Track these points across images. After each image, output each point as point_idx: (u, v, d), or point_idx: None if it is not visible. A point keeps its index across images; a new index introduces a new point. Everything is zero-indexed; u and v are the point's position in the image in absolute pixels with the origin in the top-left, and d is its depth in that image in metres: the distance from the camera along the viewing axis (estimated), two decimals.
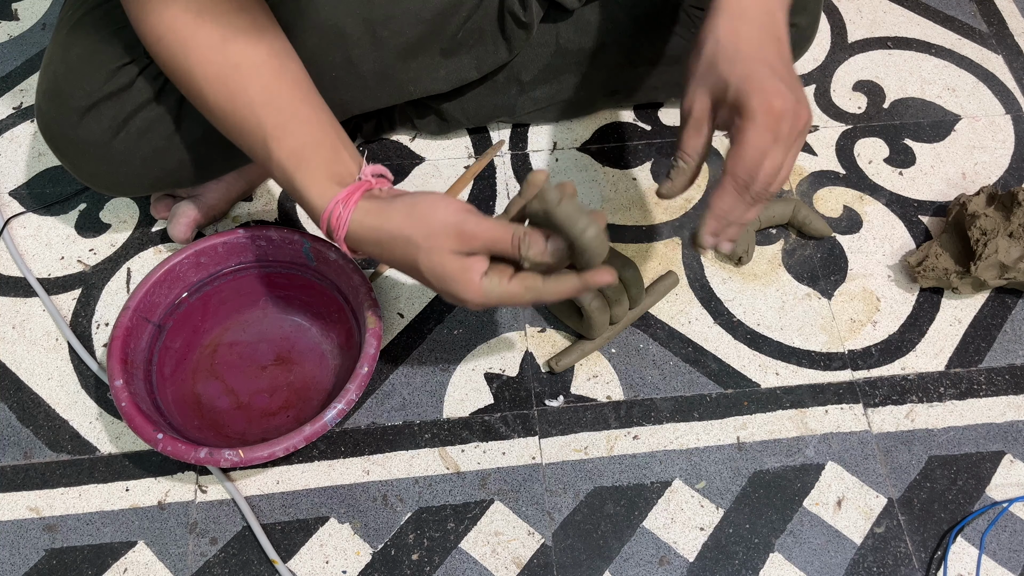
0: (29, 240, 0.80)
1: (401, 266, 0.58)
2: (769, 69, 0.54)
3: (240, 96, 0.58)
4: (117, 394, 0.63)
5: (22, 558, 0.64)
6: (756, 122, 0.53)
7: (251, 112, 0.58)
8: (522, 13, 0.74)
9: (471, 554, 0.64)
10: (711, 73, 0.55)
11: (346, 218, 0.56)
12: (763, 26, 0.56)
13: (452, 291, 0.56)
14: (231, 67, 0.57)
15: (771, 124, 0.53)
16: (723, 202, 0.55)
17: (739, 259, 0.77)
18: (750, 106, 0.53)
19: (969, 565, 0.64)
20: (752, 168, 0.53)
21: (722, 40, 0.55)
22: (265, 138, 0.58)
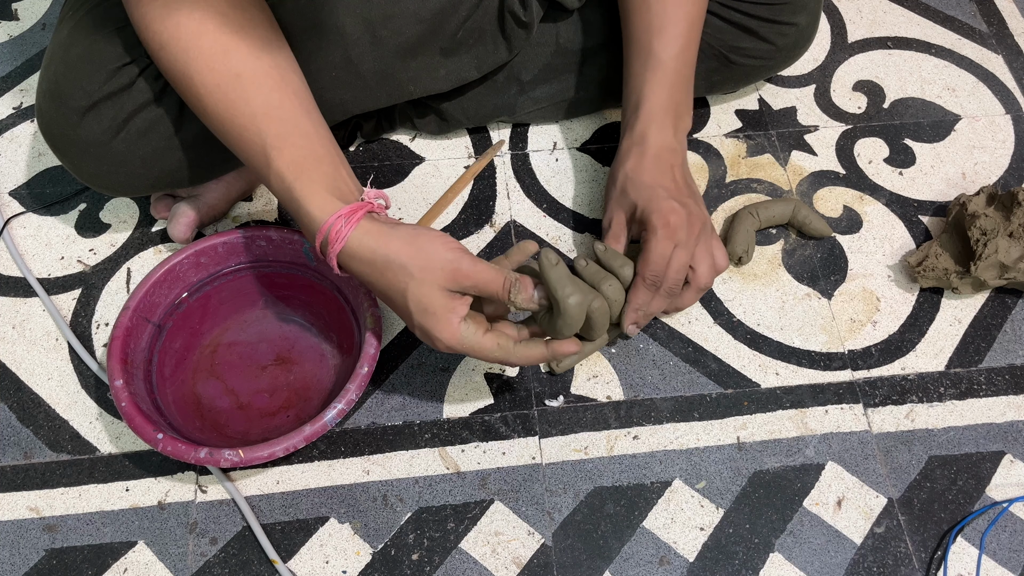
0: (29, 240, 0.80)
1: (386, 291, 0.59)
2: (665, 192, 0.68)
3: (240, 106, 0.58)
4: (117, 394, 0.63)
5: (22, 558, 0.64)
6: (658, 235, 0.66)
7: (251, 122, 0.58)
8: (522, 12, 0.74)
9: (471, 554, 0.64)
10: (623, 197, 0.70)
11: (346, 234, 0.57)
12: (660, 161, 0.70)
13: (429, 327, 0.58)
14: (233, 76, 0.58)
15: (670, 234, 0.65)
16: (638, 298, 0.67)
17: (739, 259, 0.77)
18: (652, 222, 0.66)
19: (969, 565, 0.64)
20: (657, 270, 0.66)
21: (630, 173, 0.70)
22: (265, 147, 0.58)
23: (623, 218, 0.70)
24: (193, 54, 0.58)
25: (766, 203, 0.79)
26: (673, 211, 0.66)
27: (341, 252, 0.58)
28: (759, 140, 0.87)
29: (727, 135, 0.88)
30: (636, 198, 0.69)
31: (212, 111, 0.59)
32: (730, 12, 0.79)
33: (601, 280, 0.66)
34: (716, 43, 0.80)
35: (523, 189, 0.83)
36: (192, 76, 0.58)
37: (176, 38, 0.57)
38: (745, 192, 0.84)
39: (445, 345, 0.58)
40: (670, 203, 0.66)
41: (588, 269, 0.67)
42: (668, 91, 0.71)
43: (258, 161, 0.59)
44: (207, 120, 0.60)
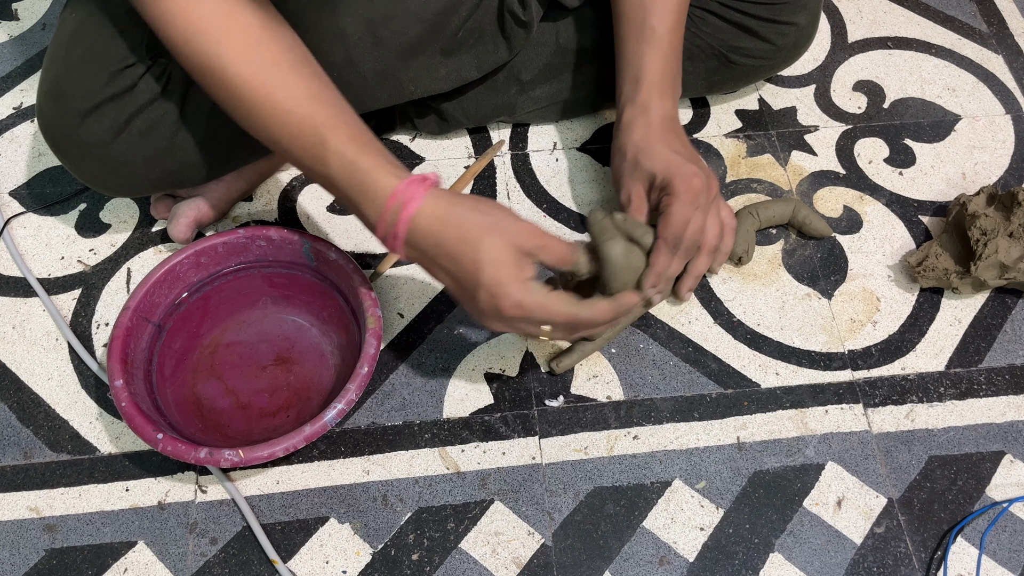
0: (29, 240, 0.80)
1: (456, 250, 0.57)
2: (681, 158, 0.68)
3: (283, 91, 0.58)
4: (117, 394, 0.63)
5: (22, 558, 0.64)
6: (681, 199, 0.66)
7: (296, 105, 0.58)
8: (522, 12, 0.74)
9: (471, 554, 0.64)
10: (637, 169, 0.70)
11: (422, 194, 0.57)
12: (665, 128, 0.71)
13: (500, 281, 0.57)
14: (270, 64, 0.58)
15: (692, 198, 0.66)
16: (660, 261, 0.67)
17: (739, 259, 0.77)
18: (675, 186, 0.66)
19: (969, 565, 0.64)
20: (678, 232, 0.66)
21: (640, 144, 0.70)
22: (318, 128, 0.58)
23: (642, 189, 0.70)
24: (225, 45, 0.57)
25: (766, 203, 0.79)
26: (695, 175, 0.67)
27: (416, 213, 0.57)
28: (759, 140, 0.87)
29: (727, 135, 0.88)
30: (653, 167, 0.68)
31: (249, 99, 0.58)
32: (730, 12, 0.79)
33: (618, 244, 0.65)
34: (716, 43, 0.80)
35: (523, 189, 0.83)
36: (225, 67, 0.57)
37: (205, 31, 0.57)
38: (745, 192, 0.84)
39: (513, 302, 0.57)
40: (690, 167, 0.67)
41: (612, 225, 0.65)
42: (664, 63, 0.72)
43: (308, 142, 0.58)
44: (241, 110, 0.59)
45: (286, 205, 0.82)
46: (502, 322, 0.59)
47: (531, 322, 0.59)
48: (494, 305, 0.58)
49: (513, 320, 0.59)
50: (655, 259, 0.66)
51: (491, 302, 0.58)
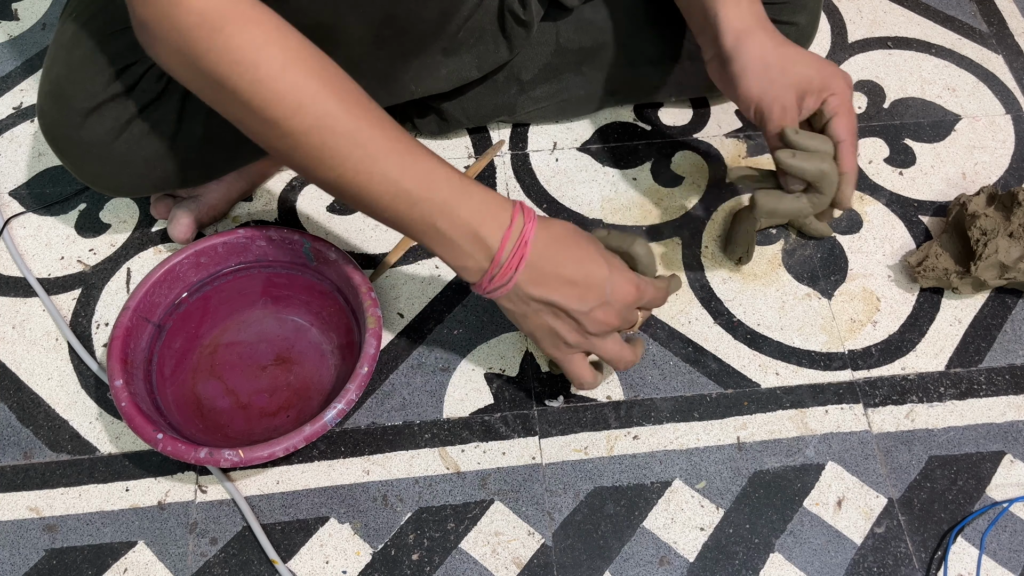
0: (29, 240, 0.80)
1: (580, 252, 0.58)
2: (819, 59, 0.69)
3: (386, 121, 0.56)
4: (117, 394, 0.63)
5: (22, 558, 0.64)
6: (846, 94, 0.68)
7: (399, 135, 0.56)
8: (522, 12, 0.74)
9: (471, 554, 0.64)
10: (787, 75, 0.67)
11: (533, 212, 0.58)
12: (784, 39, 0.69)
13: (622, 270, 0.60)
14: (365, 98, 0.56)
15: (850, 92, 0.69)
16: (854, 163, 0.69)
17: (739, 259, 0.77)
18: (836, 84, 0.68)
19: (969, 565, 0.64)
20: (855, 127, 0.68)
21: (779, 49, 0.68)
22: (427, 153, 0.57)
23: (794, 98, 0.68)
24: (324, 75, 0.55)
25: None
26: (840, 72, 0.69)
27: (537, 226, 0.57)
28: (759, 140, 0.87)
29: (727, 135, 0.88)
30: (806, 68, 0.67)
31: (355, 128, 0.55)
32: None
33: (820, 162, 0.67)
34: None
35: (523, 189, 0.83)
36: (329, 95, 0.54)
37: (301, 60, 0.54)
38: (745, 192, 0.84)
39: (635, 284, 0.60)
40: (834, 67, 0.69)
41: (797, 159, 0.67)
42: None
43: (422, 167, 0.56)
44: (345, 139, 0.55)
45: (286, 205, 0.82)
46: (620, 312, 0.60)
47: (640, 303, 0.61)
48: (625, 290, 0.59)
49: (631, 304, 0.60)
50: (849, 163, 0.68)
51: (621, 291, 0.59)
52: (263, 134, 0.56)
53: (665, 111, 0.89)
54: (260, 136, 0.57)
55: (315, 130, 0.54)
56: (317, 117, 0.54)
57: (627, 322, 0.62)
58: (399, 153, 0.56)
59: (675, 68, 0.82)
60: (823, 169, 0.67)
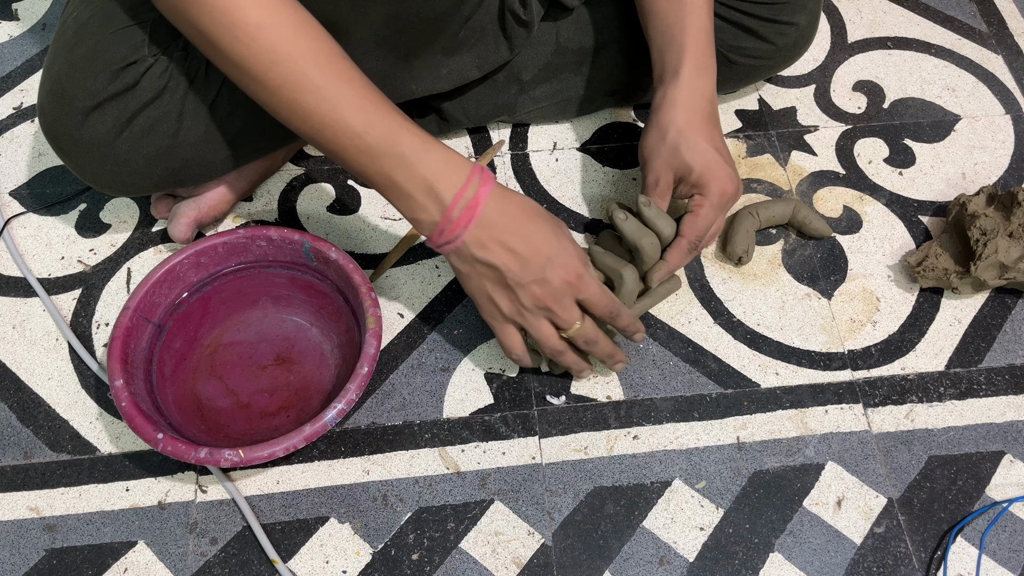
0: (29, 240, 0.80)
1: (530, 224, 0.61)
2: (721, 158, 0.69)
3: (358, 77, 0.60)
4: (117, 394, 0.63)
5: (22, 558, 0.64)
6: (713, 202, 0.69)
7: (371, 90, 0.60)
8: (522, 11, 0.74)
9: (471, 554, 0.64)
10: (676, 157, 0.69)
11: (493, 178, 0.61)
12: (708, 116, 0.70)
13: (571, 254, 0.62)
14: (340, 55, 0.60)
15: (724, 203, 0.69)
16: (677, 260, 0.70)
17: (739, 259, 0.77)
18: (710, 189, 0.68)
19: (969, 565, 0.64)
20: (702, 234, 0.69)
21: (683, 131, 0.69)
22: (392, 111, 0.61)
23: (671, 177, 0.70)
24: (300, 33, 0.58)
25: (766, 203, 0.79)
26: (731, 179, 0.69)
27: (491, 193, 0.61)
28: (759, 140, 0.87)
29: (727, 135, 0.88)
30: (693, 161, 0.68)
31: (323, 84, 0.59)
32: (730, 12, 0.79)
33: (642, 236, 0.68)
34: (716, 43, 0.80)
35: (523, 189, 0.83)
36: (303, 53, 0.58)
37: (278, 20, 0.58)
38: (745, 192, 0.84)
39: (578, 272, 0.62)
40: (727, 170, 0.69)
41: (628, 223, 0.68)
42: (705, 35, 0.70)
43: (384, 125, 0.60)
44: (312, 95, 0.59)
45: (286, 205, 0.82)
46: (556, 295, 0.62)
47: (580, 296, 0.63)
48: (562, 275, 0.62)
49: (569, 291, 0.62)
50: (672, 257, 0.69)
51: (560, 272, 0.61)
52: (244, 86, 0.60)
53: None
54: (242, 87, 0.61)
55: (287, 86, 0.59)
56: (289, 74, 0.58)
57: (564, 311, 0.63)
58: (364, 110, 0.60)
59: None
60: (642, 244, 0.68)
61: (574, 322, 0.64)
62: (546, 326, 0.64)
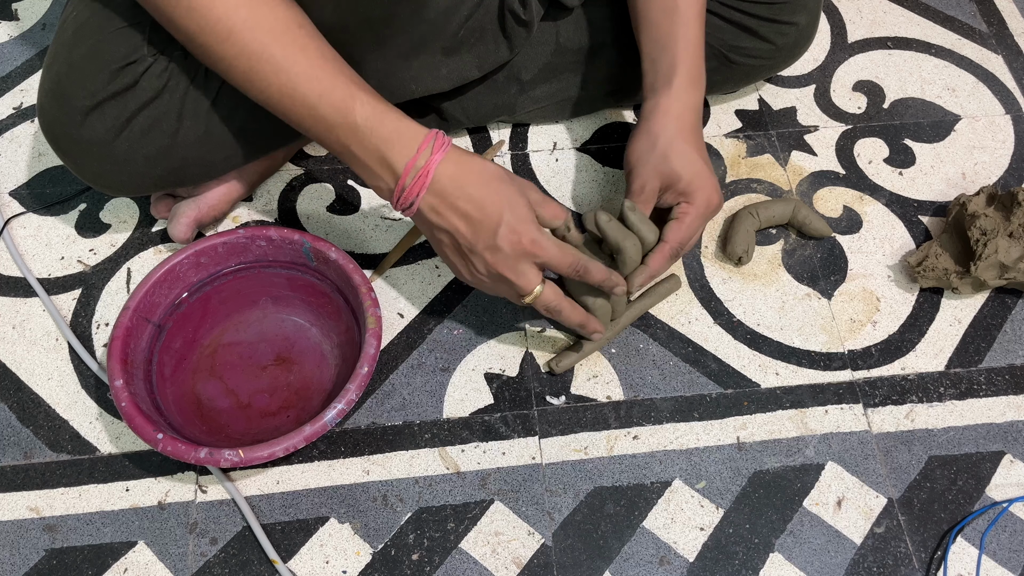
0: (29, 240, 0.80)
1: (478, 191, 0.61)
2: (708, 170, 0.70)
3: (314, 48, 0.60)
4: (117, 394, 0.63)
5: (22, 558, 0.64)
6: (699, 211, 0.69)
7: (325, 61, 0.61)
8: (522, 11, 0.74)
9: (471, 554, 0.64)
10: (665, 164, 0.69)
11: (448, 143, 0.62)
12: (696, 128, 0.71)
13: (521, 220, 0.61)
14: (297, 25, 0.60)
15: (707, 213, 0.70)
16: (658, 265, 0.69)
17: (739, 259, 0.77)
18: (696, 198, 0.69)
19: (969, 565, 0.64)
20: (686, 241, 0.69)
21: (673, 140, 0.69)
22: (347, 82, 0.61)
23: (657, 185, 0.70)
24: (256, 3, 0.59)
25: (766, 203, 0.79)
26: (716, 191, 0.69)
27: (445, 158, 0.61)
28: (759, 140, 0.87)
29: (727, 135, 0.88)
30: (682, 169, 0.69)
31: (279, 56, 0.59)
32: (730, 12, 0.79)
33: (623, 239, 0.67)
34: (716, 43, 0.80)
35: None
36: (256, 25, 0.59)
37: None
38: (745, 192, 0.84)
39: (531, 237, 0.61)
40: (713, 182, 0.69)
41: (611, 225, 0.67)
42: (696, 46, 0.71)
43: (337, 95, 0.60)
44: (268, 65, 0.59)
45: (286, 205, 0.82)
46: (510, 260, 0.62)
47: (537, 262, 0.63)
48: (513, 240, 0.61)
49: (524, 257, 0.62)
50: (654, 261, 0.68)
51: (511, 237, 0.61)
52: (202, 56, 0.61)
53: None
54: (200, 57, 0.61)
55: (243, 56, 0.59)
56: (244, 44, 0.59)
57: (519, 278, 0.63)
58: (319, 80, 0.60)
59: None
60: (624, 246, 0.67)
61: (531, 288, 0.63)
62: (506, 292, 0.64)
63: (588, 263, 0.64)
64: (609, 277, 0.65)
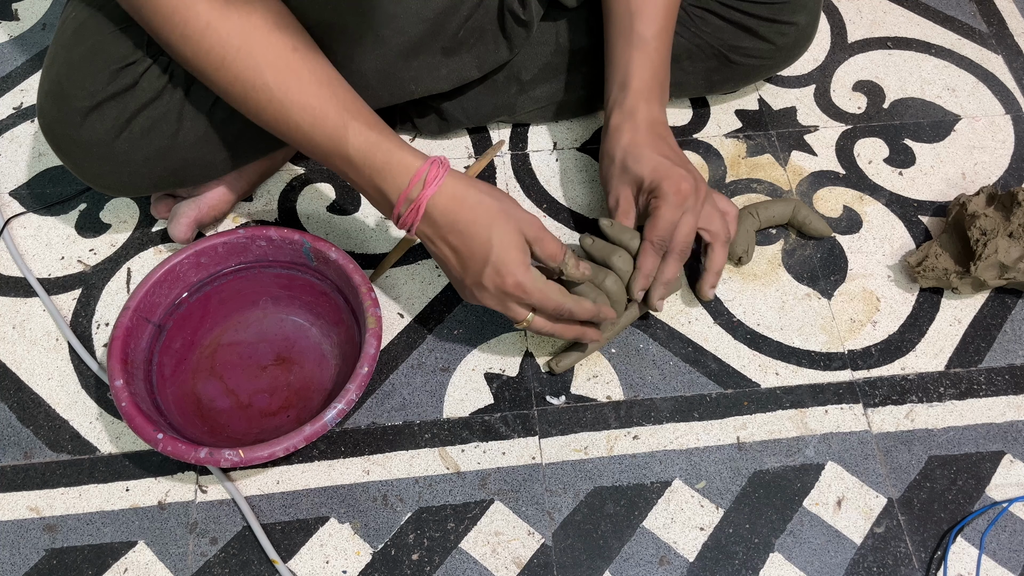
0: (29, 240, 0.80)
1: (470, 227, 0.61)
2: (669, 161, 0.69)
3: (308, 73, 0.61)
4: (117, 394, 0.63)
5: (22, 558, 0.64)
6: (669, 201, 0.67)
7: (320, 87, 0.61)
8: (521, 11, 0.74)
9: (471, 554, 0.64)
10: (626, 173, 0.71)
11: (442, 175, 0.61)
12: (653, 133, 0.71)
13: (508, 260, 0.61)
14: (291, 49, 0.60)
15: (680, 201, 0.68)
16: (646, 263, 0.68)
17: (739, 259, 0.77)
18: (663, 189, 0.68)
19: (969, 565, 0.64)
20: (664, 234, 0.68)
21: (628, 148, 0.71)
22: (340, 110, 0.61)
23: (630, 193, 0.71)
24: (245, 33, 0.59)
25: (766, 203, 0.79)
26: (683, 178, 0.68)
27: (438, 192, 0.61)
28: (759, 140, 0.87)
29: (727, 135, 0.88)
30: (641, 170, 0.69)
31: (272, 83, 0.60)
32: (730, 11, 0.79)
33: (610, 253, 0.68)
34: (716, 42, 0.80)
35: (523, 189, 0.83)
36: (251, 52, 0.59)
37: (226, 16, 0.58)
38: (745, 192, 0.84)
39: (515, 281, 0.61)
40: (678, 170, 0.68)
41: (595, 246, 0.68)
42: (652, 69, 0.72)
43: (331, 124, 0.61)
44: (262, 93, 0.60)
45: (286, 205, 0.82)
46: (496, 298, 0.63)
47: (523, 303, 0.63)
48: (497, 282, 0.62)
49: (508, 297, 0.63)
50: (641, 261, 0.69)
51: (495, 279, 0.62)
52: (199, 78, 0.62)
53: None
54: (198, 78, 0.62)
55: (237, 83, 0.60)
56: (237, 72, 0.59)
57: (508, 311, 0.64)
58: (311, 108, 0.61)
59: (675, 68, 0.82)
60: (612, 261, 0.68)
61: (521, 319, 0.64)
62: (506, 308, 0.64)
63: (573, 306, 0.64)
64: (597, 313, 0.66)
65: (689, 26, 0.79)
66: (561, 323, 0.66)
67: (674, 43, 0.80)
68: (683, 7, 0.79)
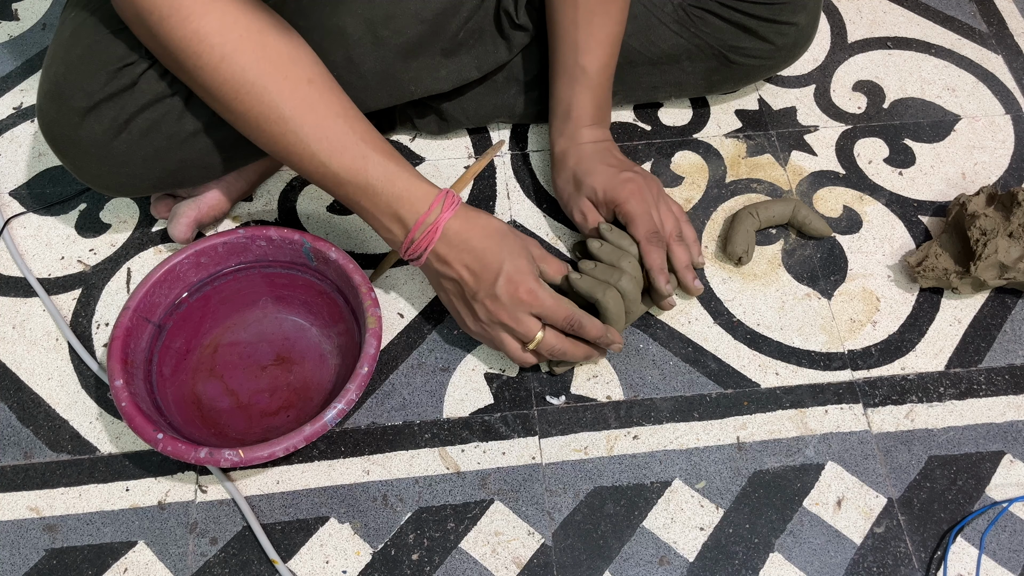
0: (29, 240, 0.80)
1: (484, 247, 0.64)
2: (614, 170, 0.73)
3: (323, 106, 0.62)
4: (117, 394, 0.63)
5: (22, 558, 0.64)
6: (630, 201, 0.71)
7: (336, 119, 0.62)
8: (515, 14, 0.75)
9: (471, 554, 0.64)
10: (580, 190, 0.75)
11: (457, 203, 0.64)
12: (598, 149, 0.76)
13: (518, 271, 0.64)
14: (307, 82, 0.62)
15: (640, 197, 0.71)
16: (654, 258, 0.70)
17: (739, 259, 0.77)
18: (618, 194, 0.72)
19: (969, 565, 0.64)
20: (649, 226, 0.71)
21: (575, 168, 0.75)
22: (358, 141, 0.63)
23: (589, 204, 0.74)
24: (264, 63, 0.60)
25: (766, 203, 0.79)
26: (630, 179, 0.72)
27: (453, 215, 0.64)
28: (759, 140, 0.87)
29: (727, 135, 0.88)
30: (593, 183, 0.73)
31: (289, 115, 0.61)
32: (730, 12, 0.79)
33: (619, 258, 0.70)
34: (716, 43, 0.80)
35: (523, 189, 0.83)
36: (266, 86, 0.60)
37: (241, 50, 0.59)
38: (745, 192, 0.84)
39: (528, 288, 0.64)
40: (625, 173, 0.73)
41: (604, 249, 0.71)
42: (594, 100, 0.76)
43: (350, 154, 0.62)
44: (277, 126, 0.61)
45: (286, 205, 0.82)
46: (508, 310, 0.64)
47: (534, 312, 0.65)
48: (510, 290, 0.64)
49: (521, 306, 0.64)
50: (649, 259, 0.70)
51: (508, 287, 0.64)
52: (213, 108, 0.63)
53: (665, 111, 0.89)
54: (209, 105, 0.64)
55: (251, 113, 0.61)
56: (253, 103, 0.61)
57: (520, 325, 0.65)
58: (328, 140, 0.62)
59: (674, 68, 0.83)
60: (622, 265, 0.70)
61: (532, 335, 0.65)
62: (508, 340, 0.66)
63: (583, 318, 0.66)
64: (605, 334, 0.67)
65: (689, 26, 0.79)
66: (571, 340, 0.67)
67: (674, 43, 0.80)
68: (683, 7, 0.79)
